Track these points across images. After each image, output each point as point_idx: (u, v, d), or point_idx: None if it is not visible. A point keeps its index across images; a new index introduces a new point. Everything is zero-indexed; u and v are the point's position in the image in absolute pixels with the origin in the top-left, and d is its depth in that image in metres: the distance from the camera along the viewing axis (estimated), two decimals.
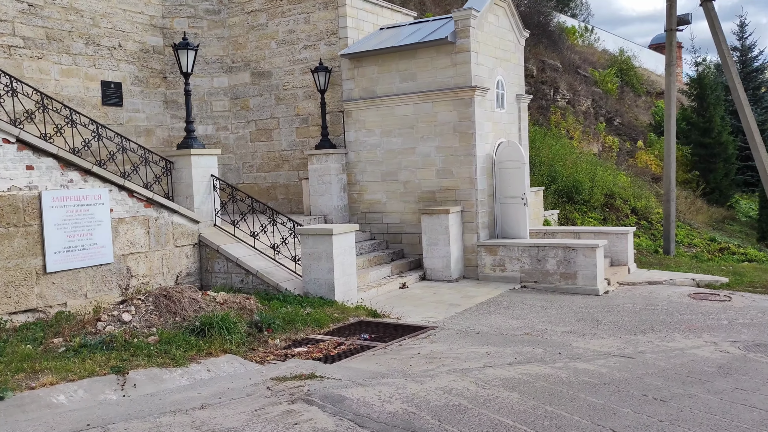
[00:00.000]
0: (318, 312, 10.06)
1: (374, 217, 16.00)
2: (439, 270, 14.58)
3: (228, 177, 17.87)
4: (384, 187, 15.78)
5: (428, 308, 11.95)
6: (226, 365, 7.83)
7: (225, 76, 17.86)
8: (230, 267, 11.88)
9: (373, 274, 13.78)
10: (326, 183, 15.77)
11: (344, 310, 10.56)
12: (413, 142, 15.31)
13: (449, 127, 14.84)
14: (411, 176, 15.41)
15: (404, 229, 15.64)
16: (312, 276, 11.11)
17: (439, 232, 14.47)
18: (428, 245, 14.68)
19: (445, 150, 14.92)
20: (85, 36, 15.48)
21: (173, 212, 11.65)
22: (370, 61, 15.72)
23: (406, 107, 15.32)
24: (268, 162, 17.47)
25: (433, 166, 15.11)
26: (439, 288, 13.84)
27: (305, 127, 16.88)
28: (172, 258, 11.64)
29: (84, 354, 7.45)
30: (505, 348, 8.80)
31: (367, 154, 15.93)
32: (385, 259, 14.91)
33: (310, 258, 11.08)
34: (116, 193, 10.71)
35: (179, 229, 11.78)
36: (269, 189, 17.49)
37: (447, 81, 14.80)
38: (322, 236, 10.89)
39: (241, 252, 12.00)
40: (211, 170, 12.62)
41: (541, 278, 13.97)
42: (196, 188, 12.26)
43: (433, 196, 15.15)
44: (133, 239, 10.98)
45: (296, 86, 16.94)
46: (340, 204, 15.94)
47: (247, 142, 17.74)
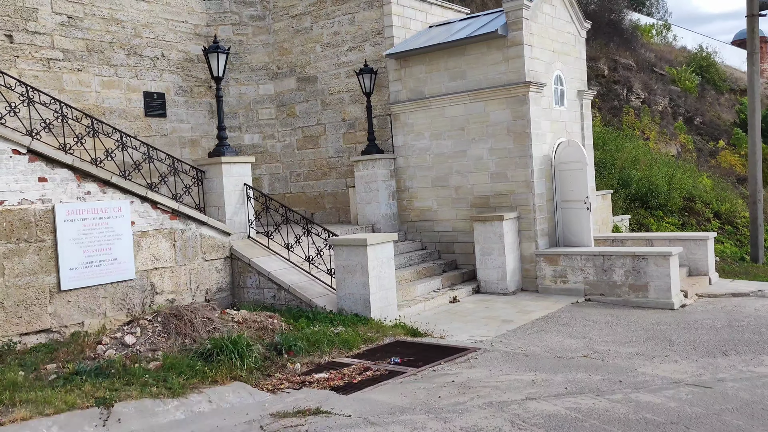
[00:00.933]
0: (349, 332, 9.10)
1: (425, 225, 14.95)
2: (493, 282, 13.37)
3: (275, 186, 17.24)
4: (434, 193, 14.71)
5: (477, 325, 10.79)
6: (231, 395, 6.96)
7: (271, 83, 17.26)
8: (262, 282, 11.10)
9: (421, 288, 12.71)
10: (373, 190, 14.84)
11: (380, 328, 9.55)
12: (464, 145, 14.19)
13: (502, 128, 13.65)
14: (463, 181, 14.28)
15: (457, 238, 14.51)
16: (346, 291, 10.17)
17: (493, 241, 13.27)
18: (481, 255, 13.50)
19: (499, 152, 13.73)
20: (127, 47, 15.17)
21: (201, 224, 10.98)
22: (418, 60, 14.73)
23: (456, 108, 14.23)
24: (315, 170, 16.71)
25: (486, 170, 13.94)
26: (494, 302, 12.63)
27: (352, 132, 16.04)
28: (200, 273, 10.96)
29: (75, 382, 6.75)
30: (555, 374, 7.57)
31: (416, 159, 14.91)
32: (435, 270, 13.82)
33: (343, 271, 10.15)
34: (138, 204, 10.12)
35: (208, 241, 11.10)
36: (317, 198, 16.72)
37: (499, 78, 13.63)
38: (356, 247, 9.95)
39: (274, 265, 11.19)
40: (245, 179, 11.91)
41: (608, 290, 12.53)
42: (227, 198, 11.57)
43: (487, 202, 13.97)
44: (157, 253, 10.36)
45: (342, 90, 16.13)
46: (388, 212, 14.97)
47: (293, 150, 17.06)
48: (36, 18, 13.63)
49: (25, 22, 13.46)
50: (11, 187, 8.80)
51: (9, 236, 8.76)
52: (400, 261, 13.59)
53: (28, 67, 13.45)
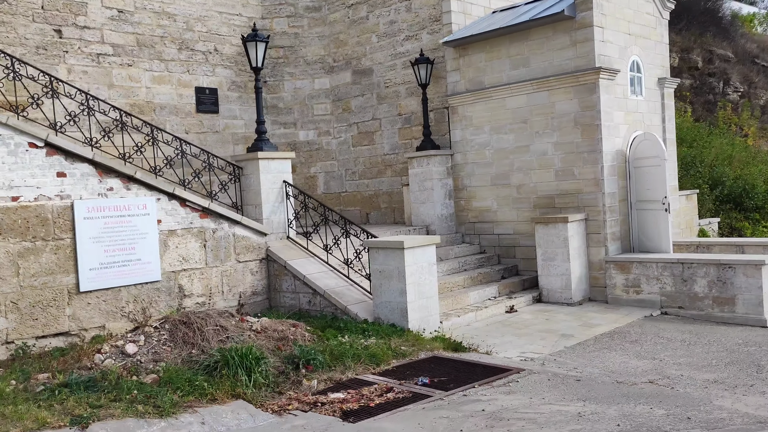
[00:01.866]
0: (380, 344, 8.16)
1: (484, 227, 13.81)
2: (556, 290, 12.09)
3: (331, 185, 16.52)
4: (494, 192, 13.55)
5: (532, 340, 9.62)
6: (230, 416, 6.18)
7: (326, 76, 16.55)
8: (298, 286, 10.33)
9: (474, 295, 11.61)
10: (428, 189, 13.83)
11: (417, 341, 8.56)
12: (527, 139, 12.96)
13: (569, 119, 12.35)
14: (525, 179, 13.06)
15: (518, 242, 13.30)
16: (382, 298, 9.24)
17: (557, 245, 11.99)
18: (544, 261, 12.25)
19: (565, 146, 12.43)
20: (178, 41, 14.81)
21: (235, 223, 10.33)
22: (477, 47, 13.61)
23: (518, 98, 13.03)
24: (370, 168, 15.87)
25: (551, 167, 12.66)
26: (555, 313, 11.37)
27: (408, 127, 15.08)
28: (233, 275, 10.30)
29: (61, 395, 6.15)
30: (609, 406, 6.37)
31: (475, 155, 13.79)
32: (492, 276, 12.66)
33: (379, 276, 9.22)
34: (165, 202, 9.55)
35: (242, 242, 10.43)
36: (371, 197, 15.87)
37: (565, 64, 12.34)
38: (392, 250, 9.00)
39: (311, 268, 10.40)
40: (284, 176, 11.19)
41: (688, 303, 11.03)
42: (264, 196, 10.87)
43: (551, 202, 12.69)
44: (185, 254, 9.77)
45: (398, 82, 15.21)
46: (444, 213, 13.93)
47: (349, 146, 16.28)
48: (85, 12, 13.43)
49: (75, 17, 13.27)
50: (27, 183, 8.39)
51: (24, 234, 8.34)
52: (454, 266, 12.54)
53: (77, 63, 13.26)
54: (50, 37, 12.94)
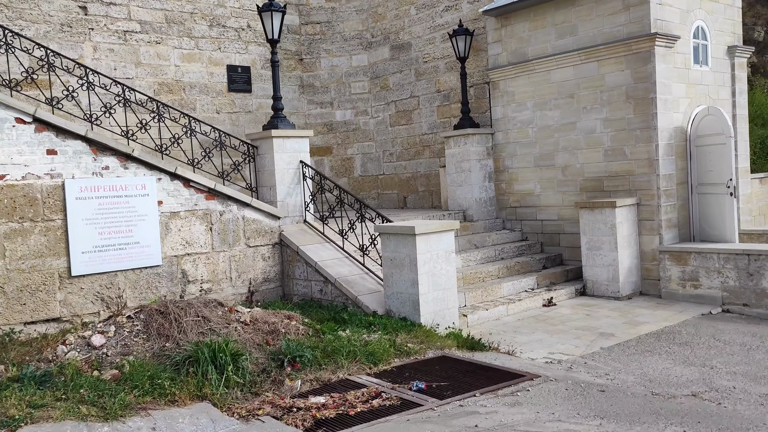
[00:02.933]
0: (383, 341, 7.29)
1: (526, 212, 12.68)
2: (602, 283, 10.88)
3: (368, 167, 15.69)
4: (537, 174, 12.38)
5: (565, 338, 8.54)
6: (187, 420, 5.46)
7: (364, 53, 15.68)
8: (310, 273, 9.57)
9: (509, 287, 10.56)
10: (465, 171, 12.80)
11: (427, 338, 7.64)
12: (573, 115, 11.74)
13: (620, 93, 11.05)
14: (571, 159, 11.84)
15: (563, 228, 12.11)
16: (393, 289, 8.35)
17: (603, 233, 10.77)
18: (588, 250, 11.05)
19: (615, 123, 11.15)
20: (209, 17, 14.25)
21: (244, 206, 9.64)
22: (520, 16, 12.42)
23: (564, 71, 11.80)
24: (408, 149, 14.93)
25: (599, 146, 11.41)
26: (598, 308, 10.20)
27: (446, 105, 14.05)
28: (243, 260, 9.63)
29: (7, 391, 5.58)
30: (631, 427, 5.29)
31: (517, 134, 12.65)
32: (532, 266, 11.55)
33: (391, 265, 8.33)
34: (167, 182, 8.95)
35: (253, 225, 9.74)
36: (409, 180, 14.95)
37: (617, 31, 11.03)
38: (403, 236, 8.09)
39: (325, 255, 9.61)
40: (301, 155, 10.41)
41: (754, 300, 9.66)
42: (279, 177, 10.14)
43: (600, 185, 11.45)
44: (189, 237, 9.15)
45: (437, 57, 14.18)
46: (483, 196, 12.87)
47: (387, 126, 15.39)
48: None
49: None
50: (14, 160, 7.92)
51: (11, 214, 7.89)
52: (489, 254, 11.51)
53: (103, 40, 12.86)
54: (75, 14, 12.58)
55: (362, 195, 15.66)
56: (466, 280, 10.50)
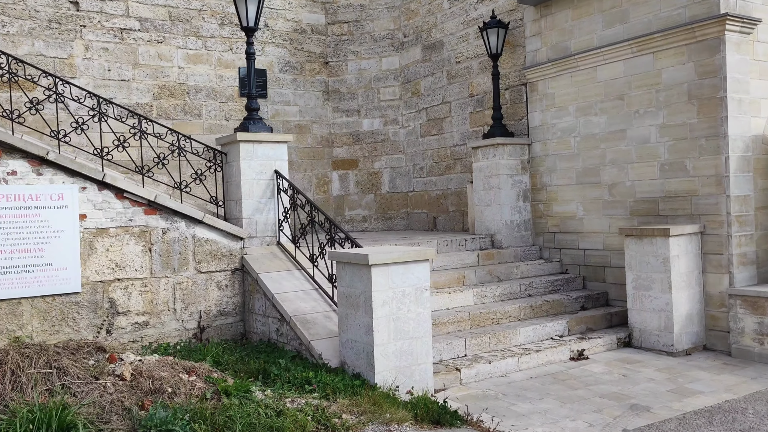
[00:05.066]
0: (308, 411, 5.39)
1: (566, 239, 10.44)
2: (652, 332, 8.53)
3: (397, 183, 13.85)
4: (580, 193, 10.16)
5: (580, 411, 6.36)
6: None
7: (395, 54, 13.93)
8: (267, 307, 7.82)
9: (528, 333, 8.41)
10: (494, 188, 10.73)
11: (374, 405, 5.67)
12: (623, 121, 9.48)
13: (680, 92, 8.74)
14: (619, 176, 9.57)
15: (609, 260, 9.81)
16: (348, 335, 6.45)
17: (654, 268, 8.45)
18: (635, 289, 8.74)
19: (674, 130, 8.83)
20: (220, 15, 12.94)
21: (195, 222, 8.03)
22: (562, 3, 10.31)
23: (612, 66, 9.59)
24: (439, 162, 12.99)
25: (654, 158, 9.10)
26: (642, 366, 7.88)
27: (480, 111, 12.04)
28: (192, 289, 8.00)
29: None
30: None
31: (557, 144, 10.47)
32: (566, 306, 9.32)
33: (346, 304, 6.44)
34: (93, 192, 7.46)
35: (206, 246, 8.11)
36: (439, 199, 12.98)
37: (676, 14, 8.75)
38: (357, 267, 6.20)
39: (288, 285, 7.84)
40: (276, 164, 8.72)
41: None
42: (246, 189, 8.49)
43: (654, 208, 9.12)
44: (121, 260, 7.62)
45: (470, 56, 12.22)
46: (516, 219, 10.74)
47: (417, 137, 13.52)
48: None
49: None
50: None
51: None
52: (513, 289, 9.38)
53: (97, 38, 11.75)
54: (65, 10, 11.53)
55: (390, 214, 13.85)
56: (473, 321, 8.44)
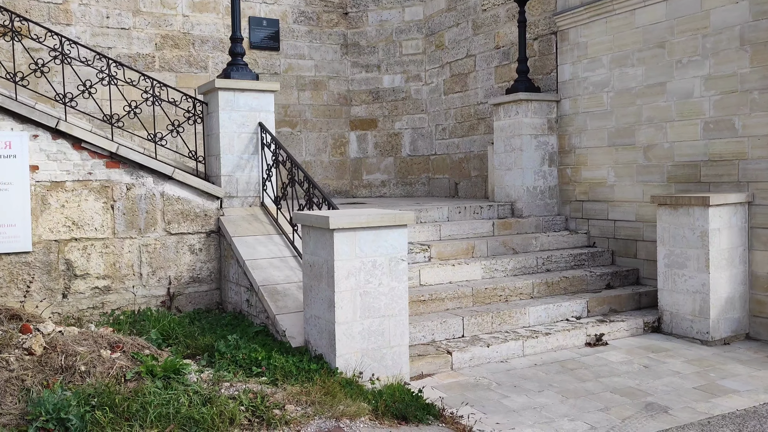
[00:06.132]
0: (242, 398, 4.54)
1: (595, 208, 9.27)
2: (685, 317, 7.37)
3: (418, 145, 12.82)
4: (612, 156, 8.94)
5: (583, 409, 5.35)
6: None
7: (419, 4, 12.78)
8: (240, 276, 6.99)
9: (539, 313, 7.37)
10: (515, 149, 9.60)
11: (326, 395, 4.78)
12: (662, 73, 8.20)
13: (731, 36, 7.41)
14: (656, 136, 8.32)
15: (641, 233, 8.62)
16: (312, 311, 5.55)
17: (689, 243, 7.26)
18: (667, 267, 7.56)
19: (722, 82, 7.53)
20: None
21: (165, 178, 7.22)
22: None
23: (652, 9, 8.27)
24: (462, 122, 11.87)
25: (697, 116, 7.82)
26: (669, 356, 6.76)
27: (506, 64, 10.84)
28: (160, 252, 7.23)
29: None
30: None
31: (588, 101, 9.25)
32: (588, 283, 8.21)
33: (310, 273, 5.54)
34: (47, 141, 6.72)
35: (177, 206, 7.31)
36: (461, 162, 11.89)
37: None
38: (320, 231, 5.27)
39: (263, 251, 6.98)
40: (261, 116, 7.81)
41: None
42: (225, 143, 7.62)
43: (695, 174, 7.87)
44: (79, 217, 6.88)
45: (497, 2, 10.98)
46: (539, 184, 9.61)
47: (440, 95, 12.41)
48: None
49: None
50: None
51: None
52: (529, 262, 8.32)
53: None
54: None
55: (410, 179, 12.85)
56: (477, 297, 7.44)
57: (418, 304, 7.06)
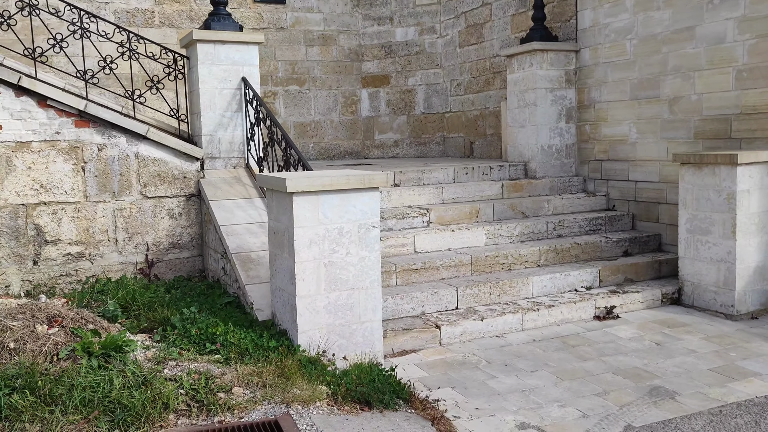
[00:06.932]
0: (183, 380, 4.08)
1: (614, 169, 8.51)
2: (708, 288, 6.65)
3: (432, 102, 12.10)
4: (634, 111, 8.13)
5: (578, 393, 4.77)
6: None
7: None
8: (217, 242, 6.51)
9: (544, 283, 6.75)
10: (529, 105, 8.85)
11: (280, 376, 4.28)
12: (692, 16, 7.32)
13: None
14: (684, 87, 7.48)
15: (665, 195, 7.85)
16: (276, 282, 5.03)
17: (714, 206, 6.50)
18: (689, 232, 6.82)
19: (758, 24, 6.65)
20: None
21: (139, 138, 6.73)
22: None
23: None
24: (477, 77, 11.10)
25: (730, 63, 6.96)
26: (686, 332, 6.09)
27: (523, 12, 10.00)
28: (137, 216, 6.79)
29: None
30: None
31: (610, 50, 8.40)
32: (603, 250, 7.53)
33: (274, 241, 5.00)
34: (10, 98, 6.27)
35: (153, 167, 6.83)
36: (476, 120, 11.16)
37: None
38: (281, 195, 4.71)
39: (242, 215, 6.48)
40: (244, 70, 7.22)
41: None
42: (206, 100, 7.08)
43: (725, 129, 7.05)
44: (47, 180, 6.46)
45: None
46: (556, 143, 8.87)
47: (455, 48, 11.62)
48: None
49: None
50: None
51: None
52: (538, 227, 7.66)
53: None
54: None
55: (424, 139, 12.18)
56: (476, 266, 6.84)
57: (410, 273, 6.50)
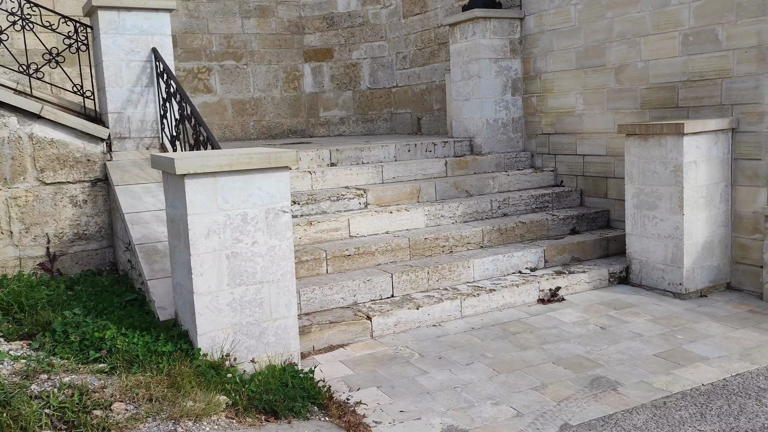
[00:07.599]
0: (19, 409, 3.55)
1: (561, 142, 8.11)
2: (655, 265, 6.31)
3: (378, 77, 11.56)
4: (580, 80, 7.72)
5: (513, 387, 4.38)
6: None
7: None
8: (123, 232, 5.94)
9: (486, 265, 6.34)
10: (473, 77, 8.38)
11: (170, 390, 3.78)
12: None
13: None
14: (629, 54, 7.08)
15: (612, 169, 7.49)
16: (176, 277, 4.52)
17: (661, 179, 6.14)
18: (636, 207, 6.46)
19: None
20: None
21: (33, 117, 6.08)
22: None
23: None
24: (422, 48, 10.59)
25: (675, 26, 6.57)
26: (632, 313, 5.74)
27: None
28: (35, 205, 6.16)
29: None
30: None
31: (554, 16, 7.96)
32: (549, 228, 7.15)
33: (172, 231, 4.48)
34: None
35: (51, 150, 6.19)
36: (422, 95, 10.67)
37: None
38: (175, 178, 4.18)
39: (150, 202, 5.91)
40: (155, 40, 6.59)
41: None
42: (111, 74, 6.45)
43: (672, 97, 6.67)
44: None
45: None
46: (502, 117, 8.43)
47: (399, 18, 11.08)
48: None
49: None
50: None
51: None
52: (481, 206, 7.23)
53: None
54: None
55: (371, 115, 11.66)
56: (414, 249, 6.39)
57: (342, 259, 6.03)
